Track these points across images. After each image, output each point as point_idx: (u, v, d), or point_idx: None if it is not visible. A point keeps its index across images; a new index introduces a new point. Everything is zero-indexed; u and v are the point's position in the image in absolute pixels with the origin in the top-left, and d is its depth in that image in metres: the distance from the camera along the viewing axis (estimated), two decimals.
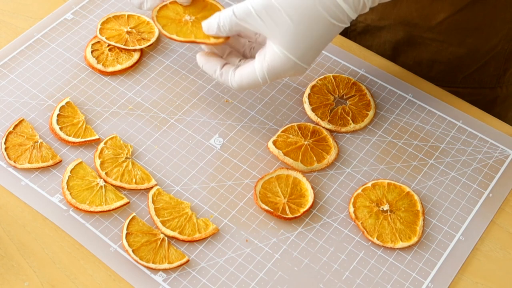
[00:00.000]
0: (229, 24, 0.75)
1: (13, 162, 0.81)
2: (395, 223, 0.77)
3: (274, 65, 0.74)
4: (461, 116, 0.88)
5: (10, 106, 0.87)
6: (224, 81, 0.79)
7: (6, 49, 0.93)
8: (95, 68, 0.90)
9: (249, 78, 0.76)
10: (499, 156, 0.84)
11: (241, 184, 0.81)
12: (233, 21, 0.74)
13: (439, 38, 0.94)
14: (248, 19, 0.74)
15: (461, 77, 0.98)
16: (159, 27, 0.81)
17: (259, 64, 0.75)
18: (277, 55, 0.74)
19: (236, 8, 0.74)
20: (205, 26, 0.78)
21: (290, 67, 0.74)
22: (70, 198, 0.78)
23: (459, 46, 0.94)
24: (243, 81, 0.77)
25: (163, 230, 0.76)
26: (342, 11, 0.72)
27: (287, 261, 0.76)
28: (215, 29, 0.76)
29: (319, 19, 0.72)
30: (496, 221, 0.79)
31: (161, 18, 0.81)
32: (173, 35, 0.80)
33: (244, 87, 0.78)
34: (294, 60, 0.74)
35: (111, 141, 0.83)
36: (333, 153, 0.83)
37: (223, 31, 0.76)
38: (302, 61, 0.74)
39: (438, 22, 0.92)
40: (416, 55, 0.97)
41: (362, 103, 0.87)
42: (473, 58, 0.96)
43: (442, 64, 0.97)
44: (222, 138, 0.85)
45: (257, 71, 0.75)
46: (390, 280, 0.74)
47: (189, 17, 0.81)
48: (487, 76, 0.99)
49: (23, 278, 0.74)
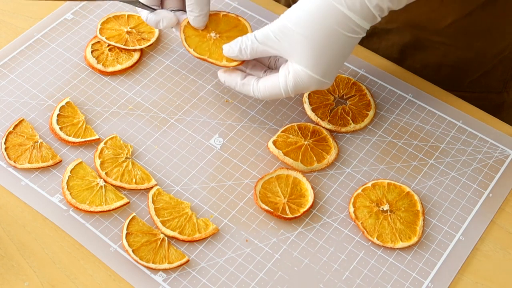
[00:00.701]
0: (250, 48, 0.78)
1: (13, 162, 0.81)
2: (395, 223, 0.77)
3: (297, 82, 0.76)
4: (461, 116, 0.88)
5: (10, 106, 0.87)
6: (246, 91, 0.80)
7: (6, 49, 0.93)
8: (95, 68, 0.90)
9: (273, 90, 0.78)
10: (499, 156, 0.84)
11: (241, 184, 0.81)
12: (254, 44, 0.77)
13: (446, 41, 0.94)
14: (268, 42, 0.76)
15: (467, 81, 0.98)
16: (182, 36, 0.81)
17: (283, 79, 0.77)
18: (300, 73, 0.75)
19: (257, 33, 0.77)
20: (225, 49, 0.80)
21: (313, 84, 0.76)
22: (70, 198, 0.78)
23: (467, 49, 0.94)
24: (266, 92, 0.79)
25: (163, 230, 0.76)
26: (354, 23, 0.73)
27: (287, 261, 0.76)
28: (236, 52, 0.79)
29: (333, 34, 0.74)
30: (496, 221, 0.79)
31: (188, 29, 0.82)
32: (191, 48, 0.81)
33: (267, 98, 0.80)
34: (316, 77, 0.75)
35: (111, 141, 0.83)
36: (333, 153, 0.83)
37: (244, 54, 0.78)
38: (324, 76, 0.76)
39: (446, 26, 0.91)
40: (423, 58, 0.97)
41: (362, 103, 0.87)
42: (480, 62, 0.96)
43: (449, 67, 0.96)
44: (222, 138, 0.85)
45: (281, 85, 0.77)
46: (390, 280, 0.74)
47: (214, 34, 0.82)
48: (494, 81, 0.99)
49: (23, 278, 0.74)
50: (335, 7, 0.72)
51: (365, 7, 0.72)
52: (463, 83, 0.98)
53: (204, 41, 0.82)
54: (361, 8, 0.72)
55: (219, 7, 0.98)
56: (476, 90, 0.98)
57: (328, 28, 0.73)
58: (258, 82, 0.79)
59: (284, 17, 0.76)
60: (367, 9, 0.73)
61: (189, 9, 0.81)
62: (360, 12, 0.73)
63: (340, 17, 0.73)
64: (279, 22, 0.75)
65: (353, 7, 0.72)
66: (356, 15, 0.73)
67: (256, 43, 0.77)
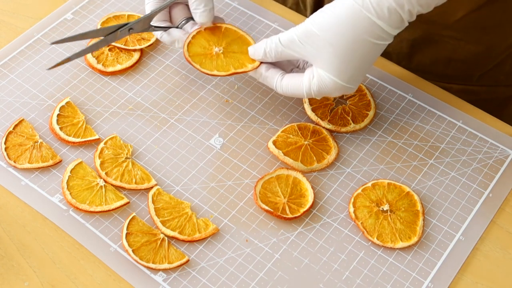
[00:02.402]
0: (275, 51, 0.78)
1: (13, 162, 0.81)
2: (395, 223, 0.77)
3: (321, 87, 0.76)
4: (461, 116, 0.88)
5: (10, 106, 0.87)
6: (269, 83, 0.80)
7: (6, 49, 0.93)
8: (95, 68, 0.90)
9: (296, 89, 0.78)
10: (499, 156, 0.84)
11: (241, 184, 0.81)
12: (278, 48, 0.77)
13: (457, 35, 0.93)
14: (292, 46, 0.76)
15: (477, 75, 0.98)
16: (198, 67, 0.81)
17: (307, 81, 0.77)
18: (324, 79, 0.76)
19: (281, 36, 0.77)
20: (251, 51, 0.81)
21: (337, 89, 0.77)
22: (70, 198, 0.78)
23: (477, 43, 0.94)
24: (289, 90, 0.79)
25: (163, 230, 0.76)
26: (382, 30, 0.73)
27: (287, 261, 0.76)
28: (261, 54, 0.79)
29: (359, 40, 0.73)
30: (496, 221, 0.79)
31: (194, 57, 0.82)
32: (214, 71, 0.81)
33: (289, 95, 0.80)
34: (341, 83, 0.76)
35: (111, 141, 0.83)
36: (333, 153, 0.83)
37: (269, 57, 0.79)
38: (349, 82, 0.76)
39: (456, 20, 0.91)
40: (433, 53, 0.96)
41: (362, 103, 0.87)
42: (490, 56, 0.96)
43: (459, 62, 0.96)
44: (222, 138, 0.85)
45: (304, 87, 0.77)
46: (390, 280, 0.74)
47: (218, 49, 0.82)
48: (503, 74, 0.98)
49: (23, 278, 0.74)
50: (364, 15, 0.72)
51: (394, 13, 0.72)
52: (473, 77, 0.98)
53: (215, 59, 0.82)
54: (390, 15, 0.72)
55: (219, 7, 0.98)
56: (486, 84, 0.98)
57: (356, 35, 0.73)
58: (282, 78, 0.79)
59: (309, 21, 0.75)
60: (396, 16, 0.72)
61: (193, 7, 0.81)
62: (388, 20, 0.72)
63: (368, 25, 0.72)
64: (304, 26, 0.75)
65: (382, 14, 0.72)
66: (385, 23, 0.72)
67: (281, 47, 0.77)
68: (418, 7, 0.72)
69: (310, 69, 0.77)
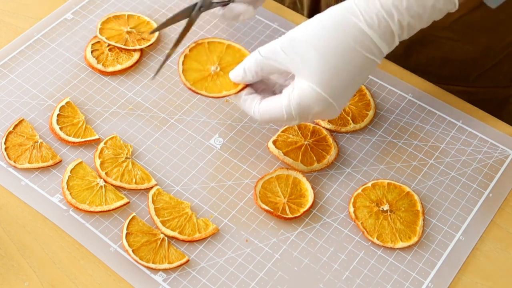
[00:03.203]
0: (254, 65, 0.72)
1: (13, 162, 0.81)
2: (395, 223, 0.77)
3: (302, 99, 0.70)
4: (461, 116, 0.88)
5: (10, 106, 0.87)
6: (248, 108, 0.75)
7: (6, 49, 0.93)
8: (95, 68, 0.90)
9: (274, 110, 0.72)
10: (499, 156, 0.84)
11: (241, 184, 0.81)
12: (258, 61, 0.72)
13: (453, 36, 0.93)
14: (274, 57, 0.71)
15: (474, 76, 0.98)
16: (204, 93, 0.76)
17: (286, 97, 0.71)
18: (305, 89, 0.70)
19: (261, 48, 0.72)
20: (231, 75, 0.75)
21: (319, 103, 0.70)
22: (70, 198, 0.78)
23: (473, 44, 0.94)
24: (267, 111, 0.73)
25: (163, 230, 0.76)
26: (372, 42, 0.69)
27: (287, 261, 0.76)
28: (241, 73, 0.74)
29: (349, 51, 0.69)
30: (496, 221, 0.79)
31: (196, 84, 0.77)
32: (223, 92, 0.75)
33: (267, 120, 0.73)
34: (323, 94, 0.70)
35: (111, 141, 0.83)
36: (333, 153, 0.83)
37: (248, 73, 0.73)
38: (332, 97, 0.70)
39: (452, 21, 0.91)
40: (429, 54, 0.96)
41: (362, 103, 0.87)
42: (487, 56, 0.95)
43: (455, 62, 0.96)
44: (222, 138, 0.85)
45: (283, 103, 0.71)
46: (390, 280, 0.74)
47: (214, 67, 0.77)
48: (500, 75, 0.98)
49: (23, 278, 0.74)
50: (352, 21, 0.69)
51: (383, 23, 0.69)
52: (470, 78, 0.98)
53: (209, 79, 0.77)
54: (379, 23, 0.69)
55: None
56: (483, 85, 0.98)
57: (343, 43, 0.69)
58: (261, 102, 0.74)
59: (292, 31, 0.71)
60: (385, 25, 0.69)
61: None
62: (378, 30, 0.69)
63: (357, 33, 0.69)
64: (287, 35, 0.71)
65: (371, 22, 0.69)
66: (374, 32, 0.69)
67: (260, 58, 0.71)
68: (408, 18, 0.69)
69: (290, 85, 0.72)
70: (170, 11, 0.97)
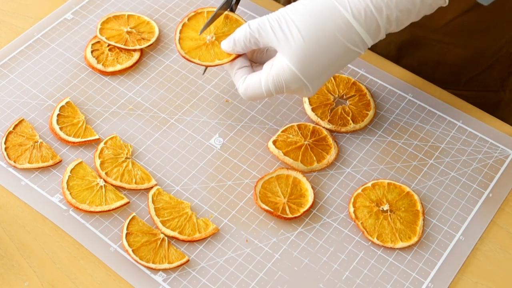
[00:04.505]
0: (243, 37, 0.75)
1: (13, 162, 0.81)
2: (395, 223, 0.77)
3: (279, 75, 0.73)
4: (461, 116, 0.88)
5: (10, 106, 0.87)
6: (236, 84, 0.78)
7: (6, 49, 0.93)
8: (95, 68, 0.90)
9: (254, 88, 0.75)
10: (499, 156, 0.84)
11: (241, 184, 0.81)
12: (247, 33, 0.74)
13: (444, 39, 0.94)
14: (261, 31, 0.73)
15: (465, 79, 0.98)
16: (197, 61, 0.79)
17: (264, 75, 0.74)
18: (284, 67, 0.73)
19: (251, 22, 0.75)
20: (223, 45, 0.78)
21: (294, 82, 0.73)
22: (70, 198, 0.78)
23: (465, 48, 0.94)
24: (248, 91, 0.76)
25: (163, 230, 0.76)
26: (356, 34, 0.71)
27: (287, 261, 0.76)
28: (231, 44, 0.76)
29: (331, 39, 0.71)
30: (496, 221, 0.79)
31: (190, 52, 0.79)
32: (215, 61, 0.78)
33: (250, 98, 0.77)
34: (298, 75, 0.73)
35: (111, 141, 0.83)
36: (333, 153, 0.83)
37: (238, 45, 0.76)
38: (307, 78, 0.73)
39: (444, 23, 0.91)
40: (420, 56, 0.96)
41: (362, 103, 0.87)
42: (478, 60, 0.96)
43: (446, 65, 0.96)
44: (222, 138, 0.85)
45: (262, 82, 0.75)
46: (390, 280, 0.74)
47: (209, 36, 0.79)
48: (491, 79, 0.98)
49: (23, 278, 0.74)
50: (339, 11, 0.70)
51: (370, 17, 0.70)
52: (461, 81, 0.98)
53: (204, 48, 0.79)
54: (366, 17, 0.70)
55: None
56: (474, 88, 0.98)
57: (328, 31, 0.71)
58: (245, 79, 0.77)
59: (282, 9, 0.74)
60: (372, 19, 0.70)
61: None
62: (364, 23, 0.70)
63: (342, 23, 0.70)
64: (277, 13, 0.73)
65: (358, 15, 0.70)
66: (360, 25, 0.70)
67: (249, 31, 0.74)
68: (397, 12, 0.70)
69: (269, 62, 0.75)
70: (170, 11, 0.97)
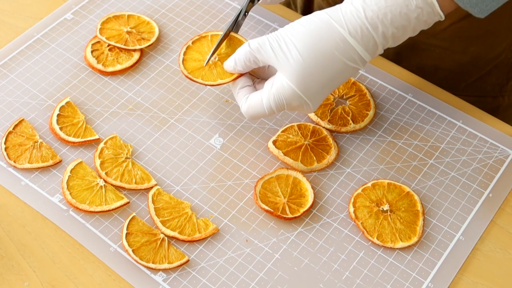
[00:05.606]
0: (244, 57, 0.76)
1: (13, 162, 0.81)
2: (395, 223, 0.77)
3: (279, 94, 0.74)
4: (461, 116, 0.88)
5: (10, 106, 0.87)
6: (239, 103, 0.78)
7: (6, 49, 0.93)
8: (95, 68, 0.91)
9: (256, 108, 0.76)
10: (499, 156, 0.84)
11: (241, 184, 0.81)
12: (247, 53, 0.75)
13: (442, 45, 0.94)
14: (261, 50, 0.74)
15: (463, 85, 0.98)
16: (200, 81, 0.80)
17: (266, 94, 0.75)
18: (284, 85, 0.73)
19: (251, 41, 0.76)
20: (225, 65, 0.79)
21: (294, 99, 0.74)
22: (70, 198, 0.78)
23: (463, 53, 0.94)
24: (250, 110, 0.77)
25: (163, 230, 0.76)
26: (354, 51, 0.72)
27: (287, 261, 0.76)
28: (232, 64, 0.77)
29: (329, 57, 0.72)
30: (496, 221, 0.79)
31: (193, 72, 0.80)
32: (218, 80, 0.79)
33: (253, 117, 0.77)
34: (299, 93, 0.73)
35: (111, 141, 0.83)
36: (333, 153, 0.83)
37: (238, 64, 0.77)
38: (307, 96, 0.74)
39: (442, 29, 0.91)
40: (419, 61, 0.96)
41: (362, 103, 0.88)
42: (476, 66, 0.96)
43: (444, 71, 0.96)
44: (222, 138, 0.85)
45: (264, 100, 0.75)
46: (390, 280, 0.74)
47: (213, 58, 0.80)
48: (489, 85, 0.98)
49: (23, 278, 0.74)
50: (336, 29, 0.71)
51: (366, 34, 0.71)
52: (459, 87, 0.98)
53: (201, 64, 0.80)
54: (362, 34, 0.71)
55: (219, 7, 0.98)
56: (472, 94, 0.98)
57: (326, 49, 0.72)
58: (248, 98, 0.77)
59: (281, 29, 0.75)
60: (368, 36, 0.71)
61: None
62: (361, 40, 0.71)
63: (339, 41, 0.72)
64: (276, 33, 0.74)
65: (354, 32, 0.71)
66: (357, 42, 0.72)
67: (249, 51, 0.75)
68: (393, 29, 0.71)
69: (270, 80, 0.76)
70: (170, 11, 0.97)
